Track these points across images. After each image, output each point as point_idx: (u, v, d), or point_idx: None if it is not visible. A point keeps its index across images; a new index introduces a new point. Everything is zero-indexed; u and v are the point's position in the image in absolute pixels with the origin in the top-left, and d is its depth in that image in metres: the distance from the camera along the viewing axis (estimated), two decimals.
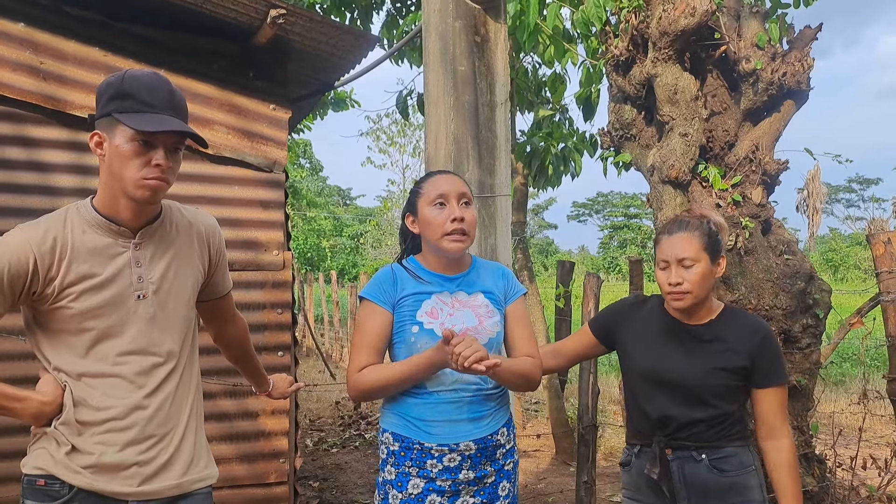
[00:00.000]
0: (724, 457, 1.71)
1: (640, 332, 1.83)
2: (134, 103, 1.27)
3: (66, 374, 1.32)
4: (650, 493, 1.76)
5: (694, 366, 1.72)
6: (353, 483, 4.25)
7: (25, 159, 2.55)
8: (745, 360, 1.70)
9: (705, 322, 1.76)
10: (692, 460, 1.71)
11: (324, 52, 2.96)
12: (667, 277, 1.71)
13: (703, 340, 1.74)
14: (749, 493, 1.70)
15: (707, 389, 1.70)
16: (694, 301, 1.71)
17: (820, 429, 3.30)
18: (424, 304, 1.63)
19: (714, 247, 1.73)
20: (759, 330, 1.74)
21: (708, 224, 1.74)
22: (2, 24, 2.51)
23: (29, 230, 1.29)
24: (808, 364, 2.91)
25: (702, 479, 1.70)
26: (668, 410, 1.73)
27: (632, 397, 1.84)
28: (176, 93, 1.33)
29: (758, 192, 3.00)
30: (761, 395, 1.72)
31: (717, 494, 1.70)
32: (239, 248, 2.79)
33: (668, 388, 1.73)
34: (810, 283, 2.92)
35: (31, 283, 1.28)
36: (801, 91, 3.05)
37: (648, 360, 1.77)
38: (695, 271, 1.69)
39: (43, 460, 1.32)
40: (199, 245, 1.47)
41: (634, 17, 3.16)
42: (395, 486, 1.61)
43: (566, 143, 5.51)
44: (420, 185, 1.70)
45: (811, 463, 2.96)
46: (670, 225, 1.78)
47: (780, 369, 1.75)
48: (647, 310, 1.86)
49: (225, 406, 2.78)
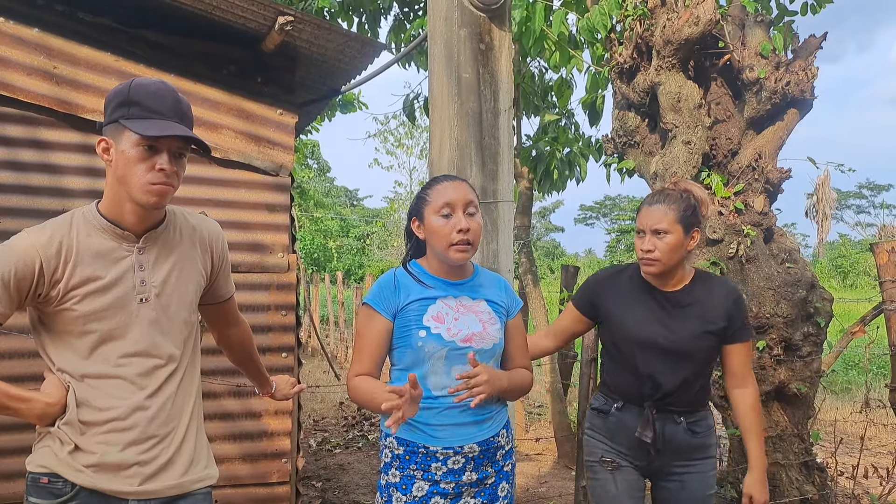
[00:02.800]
0: (697, 420, 1.91)
1: (624, 299, 1.94)
2: (139, 110, 1.30)
3: (69, 374, 1.35)
4: (627, 445, 1.91)
5: (681, 330, 1.86)
6: (356, 483, 4.28)
7: (38, 161, 2.60)
8: (724, 321, 1.87)
9: (681, 288, 1.90)
10: (673, 422, 1.89)
11: (331, 58, 3.00)
12: (641, 244, 1.86)
13: (683, 305, 1.89)
14: (710, 451, 1.93)
15: (696, 352, 1.86)
16: (663, 268, 1.85)
17: (822, 437, 3.30)
18: (430, 309, 1.64)
19: (689, 220, 1.86)
20: (731, 292, 1.91)
21: (689, 197, 1.87)
22: (17, 30, 2.57)
23: (35, 234, 1.32)
24: (809, 372, 2.92)
25: (678, 439, 1.89)
26: (658, 374, 1.86)
27: (620, 362, 1.94)
28: (181, 100, 1.36)
29: (760, 200, 3.01)
30: (732, 349, 1.91)
31: (686, 452, 1.90)
32: (245, 250, 2.82)
33: (658, 352, 1.86)
34: (812, 292, 2.93)
35: (37, 285, 1.30)
36: (805, 100, 3.06)
37: (642, 328, 1.89)
38: (666, 241, 1.83)
39: (47, 459, 1.34)
40: (201, 250, 1.50)
41: (639, 25, 3.19)
42: (399, 488, 1.63)
43: (571, 147, 5.53)
44: (426, 192, 1.71)
45: (811, 471, 2.97)
46: (654, 196, 1.91)
47: (749, 326, 1.95)
48: (627, 278, 1.97)
49: (229, 406, 2.82)
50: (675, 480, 1.92)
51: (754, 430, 1.90)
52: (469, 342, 1.63)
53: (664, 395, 1.87)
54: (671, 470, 1.91)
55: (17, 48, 2.56)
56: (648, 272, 1.88)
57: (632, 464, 1.92)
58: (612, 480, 1.92)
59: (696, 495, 1.90)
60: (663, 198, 1.88)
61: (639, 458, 1.91)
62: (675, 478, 1.91)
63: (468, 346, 1.63)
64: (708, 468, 1.92)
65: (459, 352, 1.62)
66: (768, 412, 2.95)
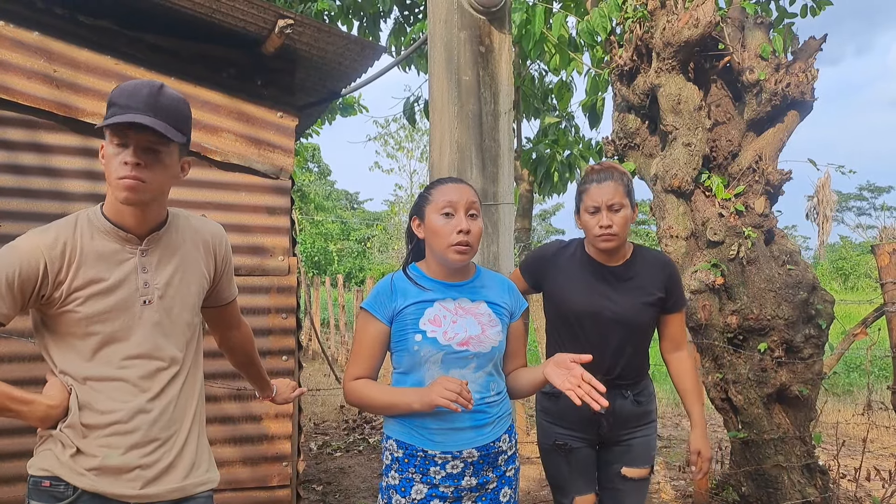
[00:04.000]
0: (641, 390, 2.04)
1: (568, 275, 2.01)
2: (115, 109, 1.31)
3: (71, 377, 1.35)
4: (577, 423, 2.00)
5: (625, 302, 1.95)
6: (357, 487, 4.27)
7: (38, 165, 2.60)
8: (662, 292, 1.98)
9: (622, 263, 1.99)
10: (621, 397, 2.00)
11: (331, 61, 3.00)
12: (598, 221, 1.91)
13: (625, 279, 1.97)
14: (652, 415, 2.07)
15: (639, 323, 1.96)
16: (619, 242, 1.93)
17: (824, 439, 3.29)
18: (427, 312, 1.64)
19: (632, 195, 1.97)
20: (667, 264, 2.02)
21: (625, 174, 1.97)
22: (17, 33, 2.57)
23: (40, 235, 1.32)
24: (811, 374, 2.91)
25: (626, 411, 2.01)
26: (604, 347, 1.95)
27: (567, 337, 2.01)
28: (161, 95, 1.32)
29: (761, 201, 3.01)
30: (670, 318, 2.03)
31: (632, 421, 2.03)
32: (245, 253, 2.82)
33: (604, 324, 1.95)
34: (813, 294, 2.93)
35: (41, 286, 1.31)
36: (805, 102, 3.06)
37: (588, 301, 1.96)
38: (621, 214, 1.91)
39: (49, 462, 1.34)
40: (204, 253, 1.50)
41: (639, 28, 3.19)
42: (398, 491, 1.63)
43: (572, 150, 5.53)
44: (429, 191, 1.71)
45: (814, 473, 2.96)
46: (596, 174, 1.96)
47: (683, 295, 2.07)
48: (570, 254, 2.04)
49: (229, 409, 2.81)
50: (622, 445, 2.04)
51: (695, 391, 2.03)
52: (466, 346, 1.62)
53: (611, 367, 1.96)
54: (619, 438, 2.03)
55: (18, 52, 2.56)
56: (608, 247, 1.93)
57: (583, 441, 2.03)
58: (565, 462, 2.03)
59: (639, 457, 2.04)
60: (608, 175, 1.93)
61: (589, 434, 2.02)
62: (622, 444, 2.04)
63: (465, 350, 1.62)
64: (650, 432, 2.06)
65: (456, 355, 1.61)
66: (770, 414, 2.94)
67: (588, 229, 1.95)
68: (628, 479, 2.04)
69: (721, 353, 2.99)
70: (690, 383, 2.04)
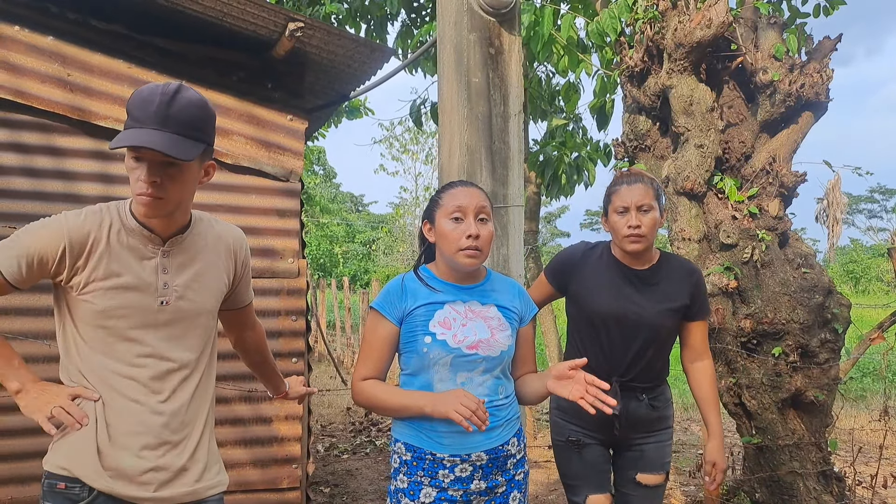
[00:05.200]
0: (657, 395, 2.01)
1: (595, 277, 2.00)
2: (129, 120, 1.29)
3: (91, 375, 1.35)
4: (592, 423, 1.97)
5: (650, 306, 1.94)
6: (364, 489, 4.26)
7: (52, 168, 2.61)
8: (686, 299, 1.97)
9: (649, 267, 1.98)
10: (636, 400, 1.98)
11: (340, 63, 3.00)
12: (627, 221, 1.91)
13: (651, 283, 1.97)
14: (668, 422, 2.05)
15: (661, 328, 1.95)
16: (647, 244, 1.93)
17: (839, 445, 3.25)
18: (437, 315, 1.63)
19: (661, 201, 1.99)
20: (693, 271, 2.02)
21: (654, 181, 1.98)
22: (32, 38, 2.58)
23: (71, 218, 1.34)
24: (827, 379, 2.88)
25: (640, 414, 1.99)
26: (625, 350, 1.94)
27: (589, 337, 2.01)
28: (176, 104, 1.28)
29: (775, 204, 2.98)
30: (693, 326, 2.02)
31: (646, 425, 2.01)
32: (256, 255, 2.82)
33: (627, 326, 1.94)
34: (829, 297, 2.89)
35: (58, 265, 1.32)
36: (820, 102, 3.03)
37: (615, 303, 1.95)
38: (651, 216, 1.91)
39: (66, 459, 1.34)
40: (226, 256, 1.50)
41: (650, 29, 3.17)
42: (407, 494, 1.62)
43: (580, 152, 5.50)
44: (440, 196, 1.70)
45: (829, 480, 2.92)
46: (626, 177, 1.98)
47: (707, 304, 2.08)
48: (597, 257, 2.04)
49: (240, 411, 2.81)
50: (636, 450, 2.02)
51: (713, 402, 2.03)
52: (475, 349, 1.61)
53: (629, 369, 1.96)
54: (633, 442, 2.02)
55: (32, 56, 2.58)
56: (635, 249, 1.92)
57: (596, 440, 2.02)
58: (578, 458, 2.02)
59: (654, 462, 2.02)
60: (638, 178, 1.95)
61: (603, 434, 2.00)
62: (636, 448, 2.02)
63: (474, 353, 1.61)
64: (666, 438, 2.04)
65: (465, 359, 1.60)
66: (784, 420, 2.91)
67: (616, 230, 1.94)
68: (642, 486, 2.01)
69: (734, 358, 2.95)
70: (709, 393, 2.03)
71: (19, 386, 1.34)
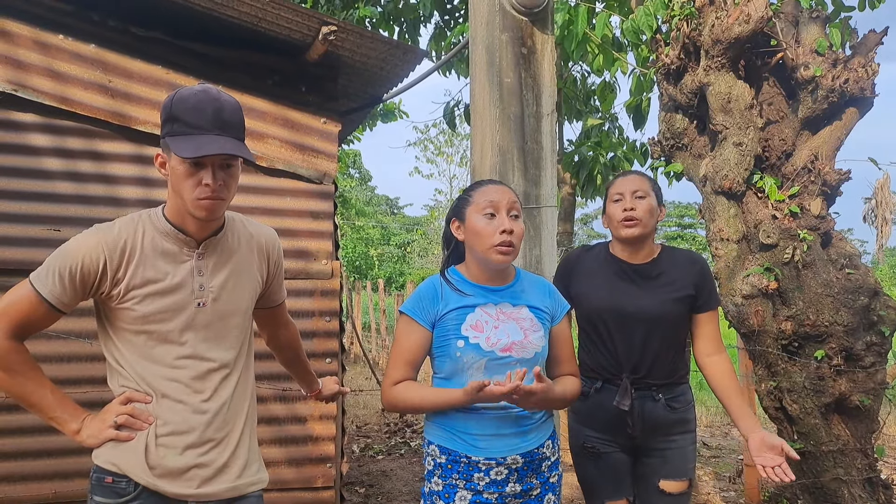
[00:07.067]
0: (675, 396, 1.94)
1: (591, 274, 1.99)
2: (181, 126, 1.32)
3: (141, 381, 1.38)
4: (605, 424, 1.94)
5: (650, 300, 1.91)
6: (399, 490, 4.27)
7: (94, 172, 2.71)
8: (691, 289, 1.92)
9: (649, 261, 1.96)
10: (651, 399, 1.92)
11: (373, 66, 3.03)
12: (621, 206, 1.91)
13: (651, 277, 1.94)
14: (689, 425, 1.98)
15: (663, 320, 1.90)
16: (642, 231, 1.90)
17: (886, 452, 3.12)
18: (469, 318, 1.62)
19: (659, 193, 1.97)
20: (696, 261, 1.97)
21: (650, 177, 2.01)
22: (75, 46, 2.68)
23: (104, 231, 1.37)
24: (873, 384, 2.76)
25: (657, 415, 1.92)
26: (630, 345, 1.90)
27: (594, 337, 1.98)
28: (224, 108, 1.33)
29: (817, 203, 2.88)
30: (703, 318, 1.96)
31: (665, 428, 1.94)
32: (290, 257, 2.87)
33: (628, 321, 1.90)
34: (874, 299, 2.78)
35: (100, 282, 1.35)
36: (865, 98, 2.92)
37: (609, 298, 1.93)
38: (646, 202, 1.90)
39: (115, 455, 1.37)
40: (258, 257, 1.53)
41: (686, 25, 3.10)
42: (442, 497, 1.62)
43: (615, 152, 5.43)
44: (470, 193, 1.69)
45: (876, 488, 2.80)
46: (622, 173, 2.02)
47: (716, 294, 2.02)
48: (594, 255, 2.03)
49: (275, 410, 2.86)
50: (656, 456, 1.95)
51: (737, 392, 1.93)
52: (509, 351, 1.60)
53: (638, 366, 1.91)
54: (653, 446, 1.95)
55: (76, 64, 2.68)
56: (630, 234, 1.91)
57: (614, 446, 1.95)
58: (594, 465, 1.97)
59: (677, 468, 1.94)
60: (633, 173, 1.99)
61: (620, 439, 1.94)
62: (657, 453, 1.95)
63: (508, 356, 1.60)
64: (688, 442, 1.96)
65: (499, 361, 1.59)
66: (828, 425, 2.80)
67: (612, 218, 1.94)
68: (666, 494, 1.94)
69: (775, 361, 2.86)
70: (731, 385, 1.91)
71: (78, 426, 1.38)
